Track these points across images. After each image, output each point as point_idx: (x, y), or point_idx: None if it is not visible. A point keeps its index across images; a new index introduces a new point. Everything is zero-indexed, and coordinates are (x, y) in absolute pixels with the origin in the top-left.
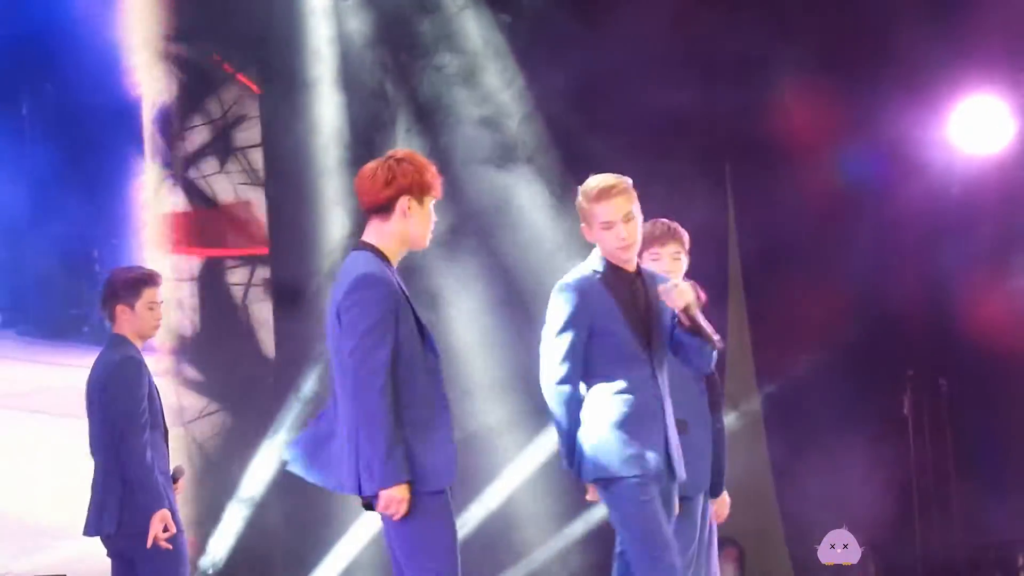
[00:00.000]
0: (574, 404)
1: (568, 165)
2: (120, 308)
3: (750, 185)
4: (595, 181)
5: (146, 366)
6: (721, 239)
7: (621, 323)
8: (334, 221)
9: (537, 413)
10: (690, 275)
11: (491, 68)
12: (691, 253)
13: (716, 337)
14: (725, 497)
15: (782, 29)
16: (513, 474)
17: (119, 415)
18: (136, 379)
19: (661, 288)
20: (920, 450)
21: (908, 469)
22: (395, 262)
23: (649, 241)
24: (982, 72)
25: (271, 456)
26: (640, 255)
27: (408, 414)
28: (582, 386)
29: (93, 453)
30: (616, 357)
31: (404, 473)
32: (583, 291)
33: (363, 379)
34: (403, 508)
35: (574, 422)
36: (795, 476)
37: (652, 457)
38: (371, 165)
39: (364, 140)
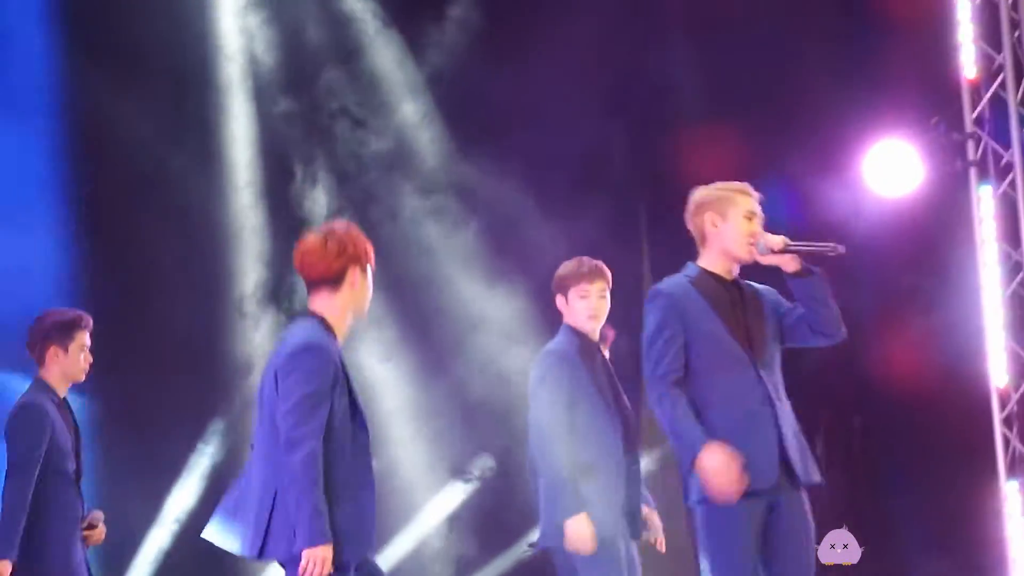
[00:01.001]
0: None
1: (476, 202)
2: (52, 350)
3: (664, 224)
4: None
5: (53, 411)
6: (636, 277)
7: (718, 325)
8: None
9: (449, 457)
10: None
11: (402, 101)
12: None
13: (830, 245)
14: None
15: (695, 70)
16: (424, 520)
17: (8, 458)
18: (31, 425)
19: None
20: (832, 488)
21: (820, 505)
22: (342, 334)
23: (577, 278)
24: (892, 115)
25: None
26: (567, 293)
27: (331, 484)
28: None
29: None
30: (716, 360)
31: (328, 535)
32: (673, 295)
33: (294, 441)
34: (326, 568)
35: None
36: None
37: (760, 470)
38: (317, 237)
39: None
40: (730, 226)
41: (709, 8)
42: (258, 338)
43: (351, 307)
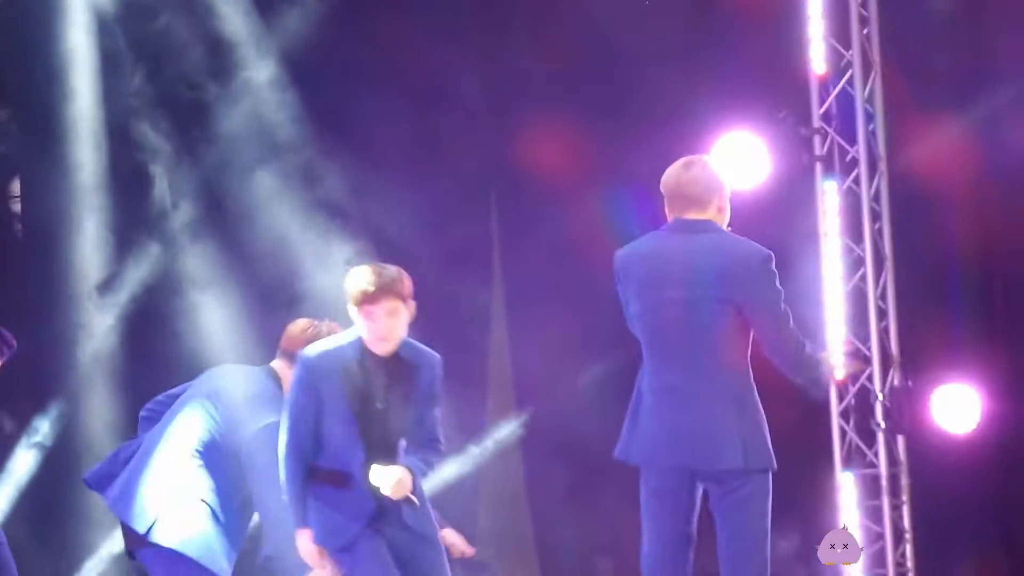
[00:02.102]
0: None
1: (327, 194)
2: None
3: (514, 213)
4: None
5: None
6: (485, 265)
7: None
8: None
9: None
10: (449, 304)
11: (254, 69)
12: (455, 280)
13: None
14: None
15: (543, 60)
16: None
17: None
18: None
19: None
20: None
21: None
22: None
23: (358, 298)
24: (739, 108)
25: None
26: (355, 307)
27: None
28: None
29: None
30: None
31: None
32: None
33: None
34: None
35: None
36: (553, 500)
37: None
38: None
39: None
40: (723, 220)
41: (550, 2)
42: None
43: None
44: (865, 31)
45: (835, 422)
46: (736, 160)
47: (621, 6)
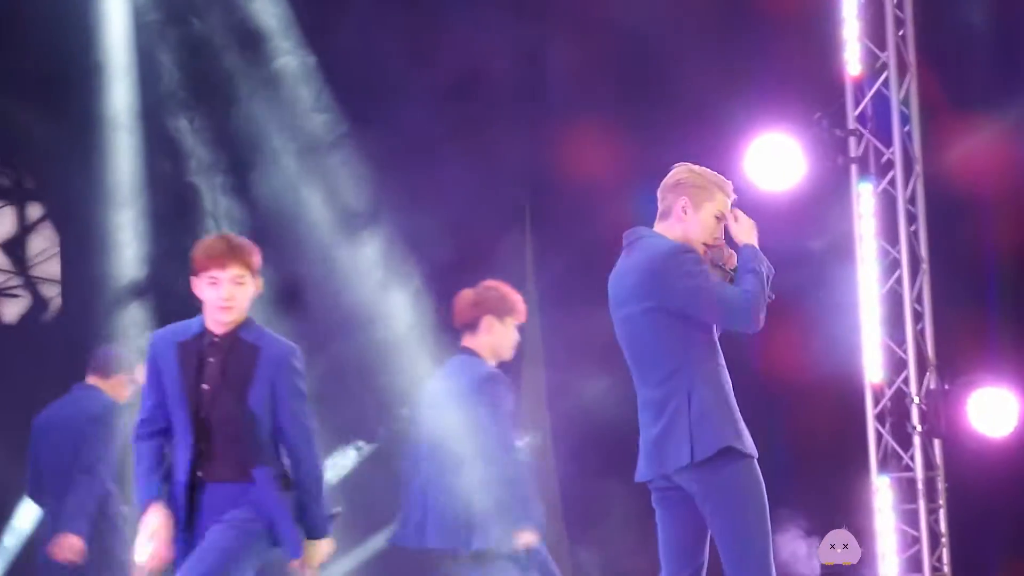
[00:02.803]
0: None
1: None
2: None
3: (548, 217)
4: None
5: None
6: (519, 269)
7: None
8: None
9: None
10: None
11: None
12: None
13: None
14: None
15: (578, 62)
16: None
17: None
18: None
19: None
20: None
21: None
22: None
23: (204, 263)
24: (775, 110)
25: None
26: (199, 276)
27: None
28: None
29: None
30: None
31: None
32: None
33: None
34: None
35: None
36: (587, 499)
37: None
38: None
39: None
40: (697, 219)
41: (593, 3)
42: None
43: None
44: (900, 32)
45: (871, 426)
46: (771, 162)
47: (655, 8)
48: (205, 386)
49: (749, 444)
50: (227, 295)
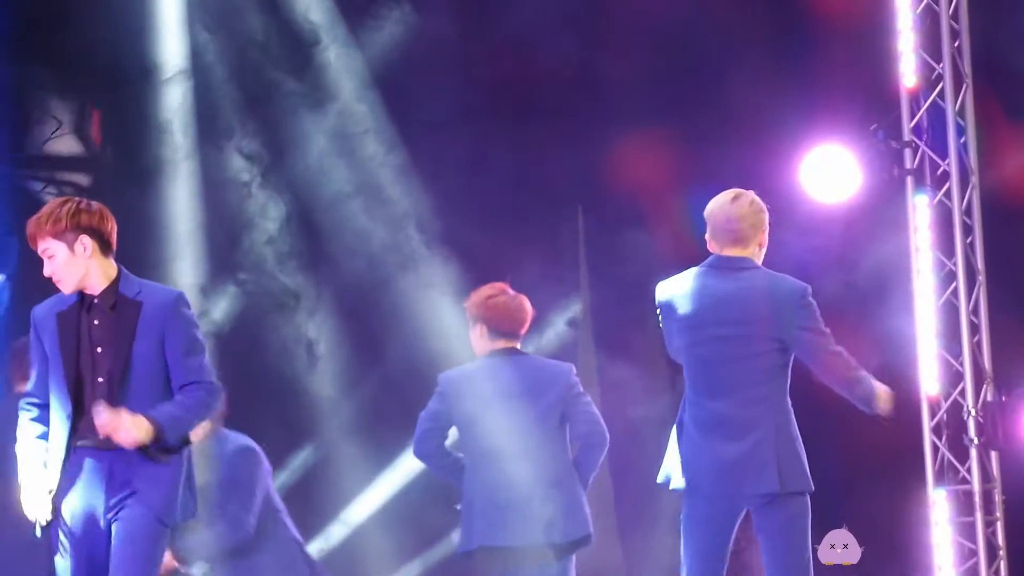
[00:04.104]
0: None
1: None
2: None
3: (601, 228)
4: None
5: None
6: (572, 281)
7: None
8: None
9: (389, 441)
10: (536, 321)
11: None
12: (543, 297)
13: None
14: None
15: (632, 73)
16: (360, 506)
17: None
18: None
19: None
20: None
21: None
22: None
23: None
24: (830, 122)
25: None
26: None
27: None
28: None
29: None
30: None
31: None
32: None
33: None
34: None
35: None
36: (635, 516)
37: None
38: None
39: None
40: (762, 253)
41: (646, 12)
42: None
43: None
44: (956, 44)
45: (927, 438)
46: (827, 174)
47: (710, 17)
48: (85, 350)
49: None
50: (48, 271)
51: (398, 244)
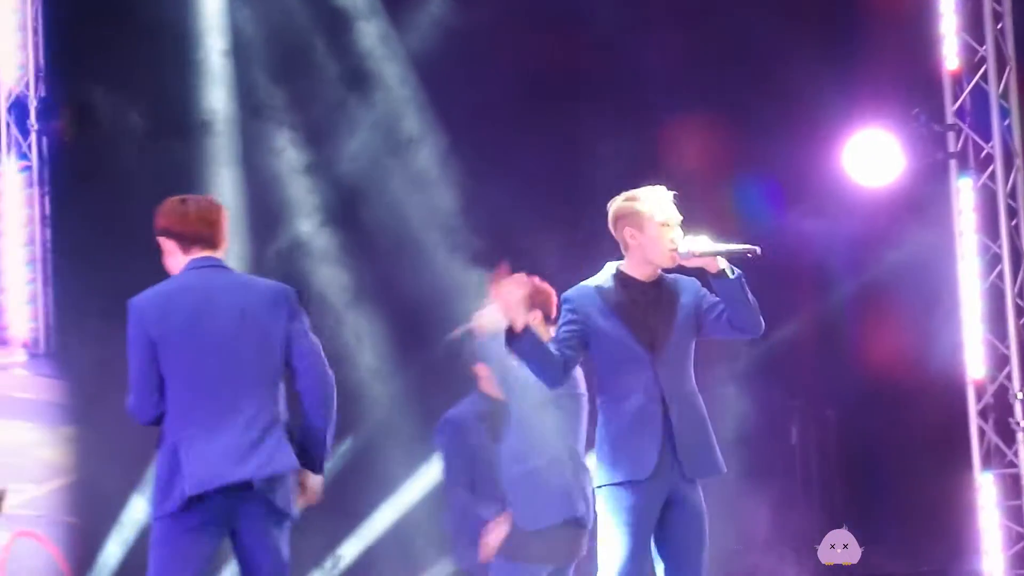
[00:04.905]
0: None
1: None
2: None
3: None
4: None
5: None
6: None
7: (618, 327)
8: None
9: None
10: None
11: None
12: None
13: (749, 247)
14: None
15: (677, 59)
16: (405, 494)
17: None
18: None
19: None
20: (807, 479)
21: (796, 497)
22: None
23: None
24: (873, 106)
25: None
26: None
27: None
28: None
29: None
30: (614, 360)
31: None
32: (576, 300)
33: None
34: None
35: None
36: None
37: (640, 462)
38: None
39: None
40: (648, 236)
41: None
42: None
43: None
44: (999, 26)
45: (974, 422)
46: (870, 158)
47: (754, 6)
48: None
49: None
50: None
51: (441, 232)
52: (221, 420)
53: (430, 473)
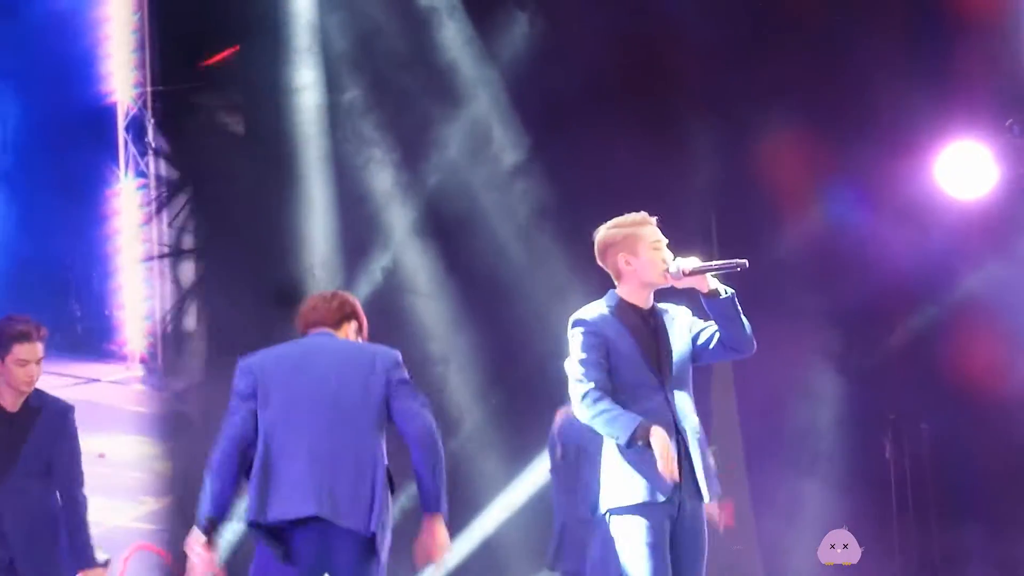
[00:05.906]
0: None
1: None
2: None
3: (736, 235)
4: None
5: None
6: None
7: (635, 353)
8: None
9: (526, 443)
10: None
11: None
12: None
13: (736, 262)
14: None
15: (766, 79)
16: (500, 506)
17: None
18: None
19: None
20: (901, 493)
21: (889, 510)
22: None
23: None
24: (966, 118)
25: None
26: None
27: None
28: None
29: None
30: (630, 386)
31: None
32: (595, 323)
33: None
34: None
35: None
36: (776, 516)
37: (660, 484)
38: None
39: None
40: (643, 260)
41: (781, 10)
42: None
43: None
44: None
45: None
46: (962, 170)
47: (846, 15)
48: None
49: None
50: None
51: (530, 243)
52: None
53: (529, 481)
